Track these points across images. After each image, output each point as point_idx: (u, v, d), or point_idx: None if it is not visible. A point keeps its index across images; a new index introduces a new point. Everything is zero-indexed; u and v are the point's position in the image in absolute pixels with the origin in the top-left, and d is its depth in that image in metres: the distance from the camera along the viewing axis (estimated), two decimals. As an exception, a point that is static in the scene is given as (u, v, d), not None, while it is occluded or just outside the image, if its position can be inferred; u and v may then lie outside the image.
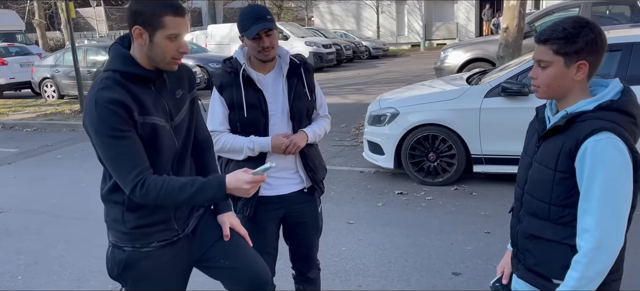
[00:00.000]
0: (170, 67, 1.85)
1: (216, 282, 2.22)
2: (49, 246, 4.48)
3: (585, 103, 1.59)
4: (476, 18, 30.06)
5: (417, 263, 3.79)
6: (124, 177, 1.77)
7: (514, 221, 1.84)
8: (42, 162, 7.65)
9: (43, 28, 24.90)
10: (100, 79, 1.79)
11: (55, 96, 14.52)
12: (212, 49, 19.20)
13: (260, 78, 2.37)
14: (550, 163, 1.62)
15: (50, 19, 30.95)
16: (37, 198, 5.85)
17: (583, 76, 1.59)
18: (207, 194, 1.82)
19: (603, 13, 9.53)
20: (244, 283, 2.14)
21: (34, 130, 10.46)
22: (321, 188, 2.58)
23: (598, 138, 1.50)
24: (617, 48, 4.87)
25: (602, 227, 1.51)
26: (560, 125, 1.60)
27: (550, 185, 1.62)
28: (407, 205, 5.02)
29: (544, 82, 1.63)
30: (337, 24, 32.14)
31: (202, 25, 33.57)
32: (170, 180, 1.80)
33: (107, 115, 1.72)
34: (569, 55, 1.57)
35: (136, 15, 1.76)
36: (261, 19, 2.25)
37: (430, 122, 5.39)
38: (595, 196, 1.51)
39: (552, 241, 1.65)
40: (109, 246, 2.00)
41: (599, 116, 1.55)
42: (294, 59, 2.45)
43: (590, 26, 1.57)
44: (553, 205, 1.63)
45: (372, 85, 13.91)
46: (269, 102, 2.38)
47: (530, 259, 1.73)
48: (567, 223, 1.62)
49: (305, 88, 2.45)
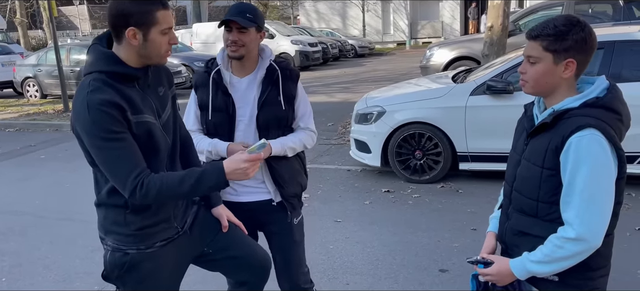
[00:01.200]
0: (163, 61, 1.85)
1: (213, 281, 2.23)
2: (33, 247, 4.42)
3: (572, 101, 1.61)
4: (461, 17, 30.26)
5: (404, 261, 3.81)
6: (122, 181, 1.74)
7: (503, 218, 1.85)
8: (25, 162, 7.55)
9: (25, 27, 24.55)
10: (87, 82, 1.74)
11: (37, 96, 14.32)
12: (197, 48, 19.09)
13: (233, 81, 2.31)
14: (537, 161, 1.64)
15: (32, 17, 30.51)
16: (20, 199, 5.77)
17: (570, 74, 1.61)
18: (208, 182, 1.79)
19: (586, 11, 9.65)
20: (248, 271, 2.20)
21: (16, 130, 10.31)
22: (293, 204, 2.41)
23: (582, 134, 1.52)
24: (599, 46, 4.87)
25: (582, 221, 1.53)
26: (548, 122, 1.61)
27: (538, 182, 1.64)
28: (394, 203, 5.04)
29: (532, 77, 1.64)
30: (323, 22, 32.15)
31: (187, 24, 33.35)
32: (167, 176, 1.78)
33: (101, 117, 1.68)
34: (558, 53, 1.59)
35: (127, 17, 1.72)
36: (239, 14, 2.19)
37: (416, 120, 5.42)
38: (577, 190, 1.54)
39: (539, 237, 1.66)
40: (107, 250, 1.95)
41: (584, 113, 1.57)
42: (272, 64, 2.32)
43: (580, 25, 1.58)
44: (541, 202, 1.65)
45: (359, 84, 13.94)
46: (238, 106, 2.30)
47: (518, 255, 1.74)
48: (555, 220, 1.63)
49: (280, 96, 2.30)
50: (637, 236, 3.98)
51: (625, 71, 4.75)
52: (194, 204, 2.17)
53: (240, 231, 2.24)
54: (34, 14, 30.31)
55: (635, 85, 4.70)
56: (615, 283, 3.31)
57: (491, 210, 5.13)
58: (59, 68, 11.31)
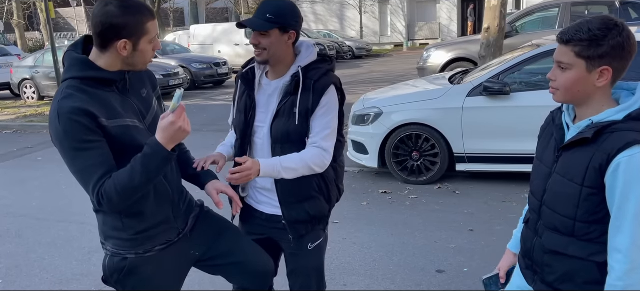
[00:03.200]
0: (146, 67, 1.85)
1: (213, 283, 2.22)
2: (30, 249, 4.42)
3: (614, 113, 1.47)
4: (458, 18, 30.33)
5: (401, 262, 3.82)
6: (90, 192, 1.71)
7: (530, 233, 1.72)
8: (22, 164, 7.54)
9: (22, 28, 24.50)
10: (61, 89, 1.71)
11: (35, 97, 14.31)
12: (195, 50, 19.11)
13: (263, 83, 2.13)
14: (576, 178, 1.50)
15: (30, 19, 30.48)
16: (17, 201, 5.76)
17: (606, 82, 1.47)
18: (154, 160, 1.69)
19: (582, 13, 9.68)
20: (251, 276, 2.18)
21: (13, 132, 10.29)
22: (297, 231, 2.15)
23: (632, 153, 1.38)
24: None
25: (637, 247, 1.41)
26: (588, 137, 1.47)
27: (577, 201, 1.51)
28: (391, 204, 5.05)
29: (563, 85, 1.51)
30: (320, 24, 32.18)
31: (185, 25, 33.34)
32: (118, 175, 1.71)
33: (70, 126, 1.64)
34: (591, 59, 1.45)
35: (119, 29, 1.69)
36: (258, 15, 2.01)
37: (413, 121, 5.43)
38: (629, 214, 1.40)
39: (576, 258, 1.56)
40: (107, 255, 1.94)
41: (630, 127, 1.43)
42: (299, 71, 2.04)
43: (618, 29, 1.44)
44: (578, 222, 1.53)
45: (356, 85, 13.95)
46: (259, 112, 2.12)
47: (550, 275, 1.64)
48: (594, 240, 1.52)
49: (296, 108, 2.02)
50: None
51: (621, 72, 4.77)
52: (196, 206, 2.15)
53: (244, 236, 2.21)
54: (32, 16, 30.29)
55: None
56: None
57: (488, 211, 5.13)
58: (56, 70, 11.32)
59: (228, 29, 19.60)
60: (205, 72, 15.09)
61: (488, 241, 4.03)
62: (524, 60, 5.13)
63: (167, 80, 13.24)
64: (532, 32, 9.62)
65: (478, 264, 3.70)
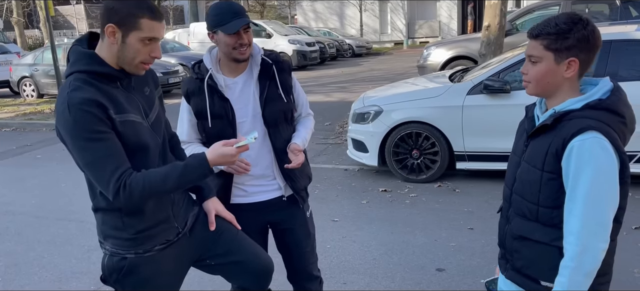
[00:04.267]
0: (137, 70, 1.78)
1: (212, 282, 2.21)
2: (30, 247, 4.41)
3: (573, 102, 1.57)
4: (458, 16, 30.31)
5: (401, 260, 3.81)
6: (105, 183, 1.69)
7: (503, 221, 1.80)
8: (21, 162, 7.53)
9: (21, 26, 24.46)
10: (68, 82, 1.70)
11: (34, 95, 14.30)
12: (194, 47, 19.08)
13: (228, 84, 2.22)
14: (537, 163, 1.59)
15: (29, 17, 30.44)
16: (16, 199, 5.76)
17: (573, 74, 1.56)
18: (192, 174, 1.76)
19: (582, 11, 9.67)
20: (251, 276, 2.17)
21: (12, 130, 10.28)
22: (303, 197, 2.40)
23: (584, 138, 1.47)
24: (596, 45, 4.94)
25: (587, 230, 1.48)
26: (548, 123, 1.57)
27: (538, 186, 1.60)
28: (391, 202, 5.04)
29: (534, 77, 1.60)
30: (320, 22, 32.17)
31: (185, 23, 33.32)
32: (150, 173, 1.73)
33: (82, 116, 1.63)
34: (559, 52, 1.55)
35: (111, 13, 1.69)
36: (241, 15, 2.12)
37: (413, 119, 5.42)
38: (580, 197, 1.48)
39: (540, 243, 1.63)
40: (105, 254, 1.92)
41: (586, 115, 1.52)
42: (265, 59, 2.26)
43: (583, 23, 1.53)
44: (541, 206, 1.61)
45: (356, 83, 13.94)
46: (236, 109, 2.21)
47: (518, 260, 1.71)
48: (556, 225, 1.59)
49: (280, 89, 2.25)
50: (633, 235, 3.98)
51: (622, 70, 4.76)
52: (195, 205, 2.15)
53: (243, 235, 2.20)
54: (31, 14, 30.26)
55: (632, 84, 4.71)
56: (612, 282, 3.32)
57: (488, 209, 5.13)
58: (55, 67, 11.30)
59: (228, 27, 19.55)
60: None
61: (488, 240, 4.03)
62: (524, 58, 5.12)
63: (166, 78, 13.22)
64: (532, 30, 9.59)
65: (478, 262, 3.69)
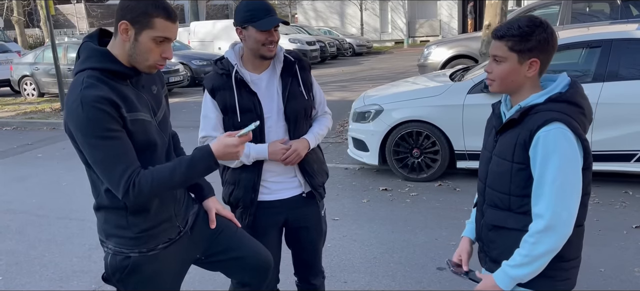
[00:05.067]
0: (149, 70, 1.79)
1: (213, 281, 2.21)
2: (31, 246, 4.42)
3: (537, 97, 1.67)
4: (459, 15, 30.29)
5: (401, 259, 3.82)
6: (115, 181, 1.69)
7: (478, 215, 1.89)
8: (22, 161, 7.53)
9: (22, 25, 24.45)
10: (80, 79, 1.70)
11: (35, 94, 14.30)
12: (195, 46, 19.09)
13: (253, 79, 2.26)
14: (507, 155, 1.69)
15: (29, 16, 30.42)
16: (17, 198, 5.76)
17: (534, 73, 1.67)
18: (199, 168, 1.78)
19: (583, 10, 9.66)
20: (251, 271, 2.19)
21: (13, 128, 10.29)
22: (320, 194, 2.46)
23: (549, 129, 1.58)
24: (597, 45, 4.94)
25: (553, 211, 1.58)
26: (515, 118, 1.67)
27: (509, 177, 1.69)
28: (391, 201, 5.04)
29: (499, 76, 1.70)
30: (320, 21, 32.15)
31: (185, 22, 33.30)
32: (157, 170, 1.75)
33: (95, 114, 1.64)
34: (522, 53, 1.64)
35: (126, 10, 1.70)
36: (274, 13, 2.18)
37: (414, 118, 5.42)
38: (547, 182, 1.59)
39: (514, 229, 1.71)
40: (108, 253, 1.91)
41: (549, 108, 1.63)
42: (288, 56, 2.33)
43: (543, 26, 1.64)
44: (513, 196, 1.70)
45: (356, 82, 13.94)
46: (263, 104, 2.26)
47: (494, 250, 1.79)
48: (527, 212, 1.68)
49: (301, 87, 2.32)
50: (633, 234, 3.99)
51: (622, 69, 4.76)
52: (195, 203, 2.16)
53: (242, 232, 2.22)
54: (31, 12, 30.23)
55: (633, 83, 4.71)
56: (612, 281, 3.32)
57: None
58: (56, 66, 11.29)
59: (228, 26, 19.56)
60: (205, 68, 15.07)
61: (488, 239, 4.02)
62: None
63: (167, 77, 13.23)
64: (533, 29, 9.57)
65: (478, 261, 3.69)
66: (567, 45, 5.09)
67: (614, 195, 4.78)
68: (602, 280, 3.36)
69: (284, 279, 2.80)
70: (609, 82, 4.76)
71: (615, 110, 4.70)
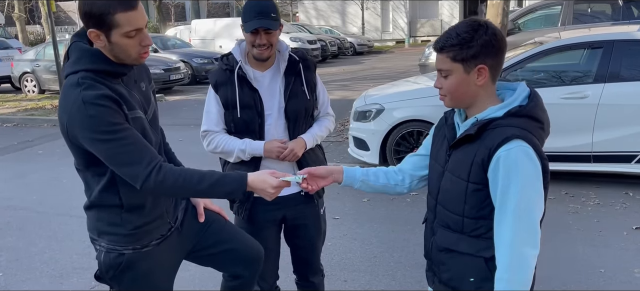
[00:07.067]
0: (138, 62, 1.76)
1: (214, 281, 2.22)
2: (31, 243, 4.42)
3: (495, 110, 1.53)
4: (460, 15, 30.27)
5: (402, 258, 3.82)
6: (135, 168, 1.66)
7: (428, 232, 1.76)
8: (22, 157, 7.53)
9: (23, 22, 24.46)
10: (76, 80, 1.65)
11: (35, 91, 14.30)
12: (196, 44, 19.09)
13: (256, 76, 2.27)
14: (462, 174, 1.55)
15: (30, 12, 30.44)
16: (18, 194, 5.76)
17: (485, 80, 1.53)
18: (227, 187, 1.76)
19: (585, 11, 9.65)
20: (242, 262, 2.19)
21: (14, 125, 10.29)
22: (318, 193, 2.46)
23: (510, 147, 1.45)
24: (598, 45, 4.94)
25: (519, 239, 1.46)
26: (471, 133, 1.53)
27: (463, 197, 1.56)
28: (392, 200, 5.04)
29: (448, 90, 1.57)
30: (322, 19, 32.13)
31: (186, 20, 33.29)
32: (187, 169, 1.74)
33: (100, 111, 1.62)
34: (466, 61, 1.51)
35: (87, 18, 1.64)
36: (263, 16, 2.16)
37: (415, 117, 5.42)
38: (510, 208, 1.46)
39: (466, 254, 1.60)
40: (100, 251, 1.91)
41: (509, 123, 1.50)
42: (292, 55, 2.34)
43: (483, 28, 1.50)
44: (466, 218, 1.57)
45: (357, 81, 13.94)
46: (265, 101, 2.27)
47: (445, 273, 1.68)
48: (481, 235, 1.56)
49: (304, 86, 2.33)
50: (634, 235, 3.98)
51: (624, 70, 4.76)
52: (183, 200, 2.16)
53: (231, 225, 2.24)
54: (32, 9, 30.26)
55: (634, 84, 4.71)
56: (612, 282, 3.32)
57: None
58: (57, 63, 11.31)
59: (229, 24, 19.59)
60: (206, 66, 15.07)
61: (489, 239, 4.02)
62: (526, 57, 5.12)
63: (168, 75, 13.22)
64: (534, 30, 9.59)
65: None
66: (568, 46, 5.09)
67: (614, 196, 4.78)
68: (602, 280, 3.36)
69: (284, 277, 2.80)
70: (610, 83, 4.76)
71: (616, 111, 4.70)
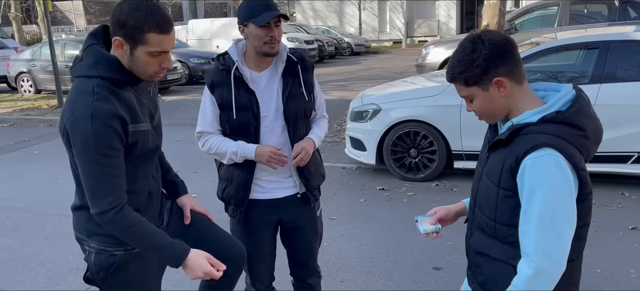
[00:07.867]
0: (150, 79, 1.78)
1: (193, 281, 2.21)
2: (26, 243, 4.40)
3: (530, 115, 1.48)
4: (457, 15, 30.32)
5: (398, 258, 3.82)
6: (99, 197, 1.69)
7: (468, 232, 1.76)
8: (18, 158, 7.51)
9: (19, 21, 24.36)
10: (91, 88, 1.66)
11: (32, 91, 14.25)
12: (193, 44, 19.05)
13: (253, 77, 2.24)
14: (494, 179, 1.52)
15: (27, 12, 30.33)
16: (13, 194, 5.74)
17: (507, 90, 1.48)
18: (168, 254, 1.83)
19: (581, 11, 9.68)
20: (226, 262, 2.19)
21: (10, 125, 10.26)
22: (315, 196, 2.44)
23: (537, 156, 1.39)
24: (594, 46, 4.95)
25: (541, 252, 1.40)
26: (503, 138, 1.49)
27: (495, 203, 1.53)
28: (388, 200, 5.04)
29: (480, 111, 1.55)
30: (319, 20, 32.14)
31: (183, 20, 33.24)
32: (144, 222, 1.77)
33: (104, 131, 1.63)
34: (479, 81, 1.48)
35: (118, 25, 1.66)
36: (273, 8, 2.13)
37: (411, 118, 5.42)
38: (534, 218, 1.40)
39: (498, 260, 1.57)
40: (90, 253, 1.90)
41: (541, 130, 1.43)
42: (291, 56, 2.30)
43: (479, 43, 1.47)
44: (499, 223, 1.54)
45: (354, 82, 13.94)
46: (261, 103, 2.24)
47: (480, 275, 1.66)
48: (513, 243, 1.51)
49: (302, 88, 2.30)
50: (629, 235, 3.99)
51: (620, 71, 4.77)
52: (168, 199, 2.17)
53: (215, 225, 2.24)
54: (29, 9, 30.15)
55: (630, 84, 4.72)
56: (608, 282, 3.33)
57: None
58: (53, 63, 11.26)
59: (226, 24, 19.55)
60: (203, 66, 15.06)
61: (485, 239, 4.03)
62: (522, 58, 5.11)
63: (165, 75, 13.19)
64: (531, 30, 9.61)
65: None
66: (565, 47, 5.10)
67: (610, 196, 4.79)
68: (598, 280, 3.36)
69: (280, 278, 2.80)
70: (606, 83, 4.77)
71: (613, 111, 4.71)
